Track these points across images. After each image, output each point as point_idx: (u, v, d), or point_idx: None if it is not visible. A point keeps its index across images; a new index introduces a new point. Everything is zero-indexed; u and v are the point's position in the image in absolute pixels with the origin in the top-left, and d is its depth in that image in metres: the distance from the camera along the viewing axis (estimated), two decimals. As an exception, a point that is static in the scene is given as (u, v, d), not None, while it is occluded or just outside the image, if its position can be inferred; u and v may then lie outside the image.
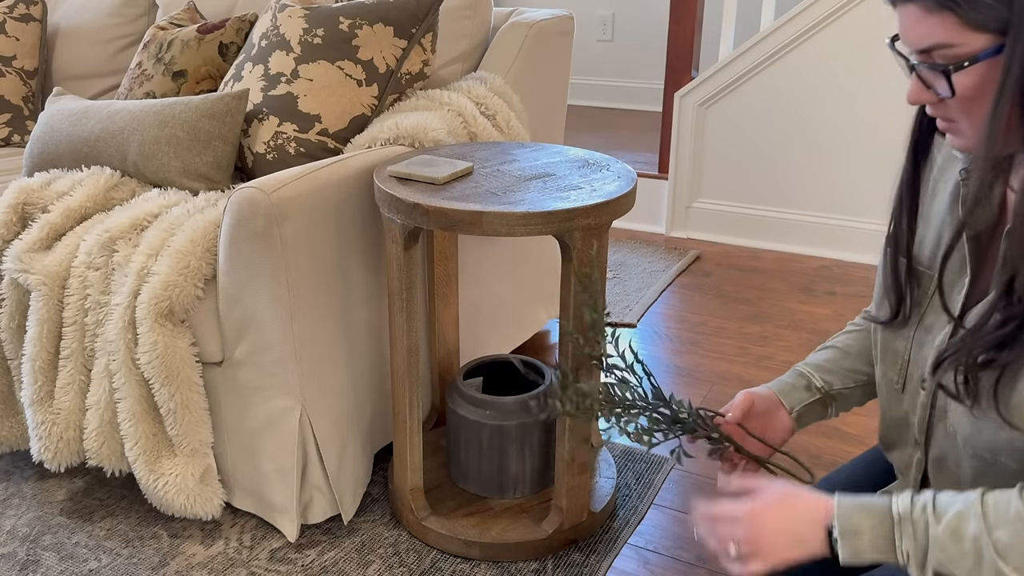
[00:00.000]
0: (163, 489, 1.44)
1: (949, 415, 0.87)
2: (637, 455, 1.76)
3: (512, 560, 1.46)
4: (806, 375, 1.09)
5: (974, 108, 0.77)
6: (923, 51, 0.77)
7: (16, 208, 1.58)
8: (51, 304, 1.48)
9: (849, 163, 2.79)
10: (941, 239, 0.89)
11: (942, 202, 0.90)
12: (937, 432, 0.90)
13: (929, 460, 0.93)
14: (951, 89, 0.76)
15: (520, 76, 1.89)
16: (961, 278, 0.86)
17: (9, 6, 2.35)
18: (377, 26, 1.71)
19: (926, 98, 0.80)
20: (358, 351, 1.53)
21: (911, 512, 0.79)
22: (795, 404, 1.08)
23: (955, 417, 0.86)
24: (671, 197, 3.06)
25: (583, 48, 4.77)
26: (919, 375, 0.91)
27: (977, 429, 0.83)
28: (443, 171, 1.38)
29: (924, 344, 0.90)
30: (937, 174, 0.92)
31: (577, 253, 1.30)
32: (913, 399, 0.93)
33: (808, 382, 1.09)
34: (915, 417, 0.93)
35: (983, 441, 0.83)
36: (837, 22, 2.68)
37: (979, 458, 0.84)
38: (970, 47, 0.74)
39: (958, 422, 0.85)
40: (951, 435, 0.87)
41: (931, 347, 0.89)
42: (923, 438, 0.92)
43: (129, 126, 1.67)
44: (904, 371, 0.93)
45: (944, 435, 0.89)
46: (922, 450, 0.93)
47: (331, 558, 1.47)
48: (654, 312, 2.46)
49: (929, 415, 0.90)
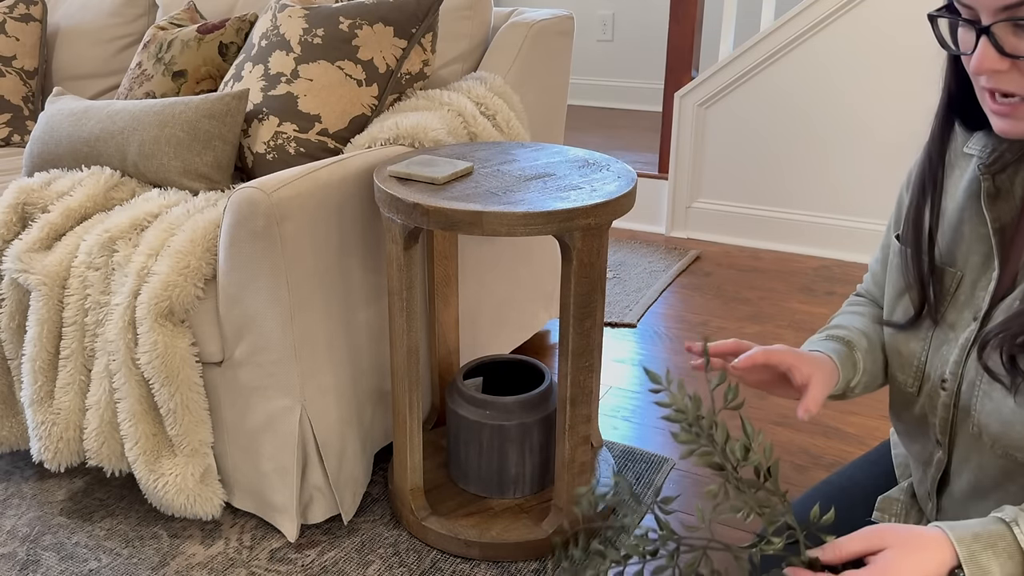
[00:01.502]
0: (163, 489, 1.44)
1: (974, 415, 0.85)
2: (637, 455, 1.76)
3: (512, 560, 1.46)
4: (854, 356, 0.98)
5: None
6: (1009, 6, 0.72)
7: (16, 208, 1.58)
8: (51, 304, 1.48)
9: (849, 163, 2.79)
10: (959, 236, 0.88)
11: (955, 199, 0.89)
12: (961, 433, 0.88)
13: (952, 460, 0.91)
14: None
15: (520, 76, 1.89)
16: (987, 272, 0.85)
17: (9, 6, 2.35)
18: (377, 26, 1.71)
19: (997, 65, 0.75)
20: (358, 351, 1.53)
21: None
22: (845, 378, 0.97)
23: (983, 416, 0.84)
24: (671, 197, 3.06)
25: (583, 48, 4.77)
26: (938, 375, 0.89)
27: (1008, 427, 0.81)
28: (443, 171, 1.38)
29: (945, 343, 0.88)
30: (947, 171, 0.91)
31: (577, 253, 1.30)
32: (932, 400, 0.91)
33: (854, 363, 0.98)
34: (935, 418, 0.91)
35: (1014, 439, 0.81)
36: (837, 22, 2.68)
37: (1008, 457, 0.83)
38: None
39: (986, 421, 0.84)
40: (975, 435, 0.86)
41: (954, 345, 0.87)
42: (946, 439, 0.90)
43: (129, 126, 1.67)
44: (920, 373, 0.91)
45: (968, 435, 0.87)
46: (944, 450, 0.91)
47: (331, 558, 1.47)
48: (654, 312, 2.46)
49: (952, 415, 0.89)
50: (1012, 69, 0.75)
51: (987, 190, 0.84)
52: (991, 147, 0.85)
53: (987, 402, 0.84)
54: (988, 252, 0.85)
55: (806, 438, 1.82)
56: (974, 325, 0.86)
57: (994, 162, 0.85)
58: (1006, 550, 0.73)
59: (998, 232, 0.84)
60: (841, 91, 2.74)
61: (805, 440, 1.81)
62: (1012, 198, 0.84)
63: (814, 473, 1.69)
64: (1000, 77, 0.76)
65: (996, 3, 0.73)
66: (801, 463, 1.74)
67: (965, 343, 0.86)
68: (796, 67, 2.78)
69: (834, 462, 1.74)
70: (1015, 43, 0.74)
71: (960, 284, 0.87)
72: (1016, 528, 0.74)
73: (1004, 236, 0.84)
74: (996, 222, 0.84)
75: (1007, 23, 0.73)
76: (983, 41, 0.75)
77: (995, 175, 0.85)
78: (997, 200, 0.85)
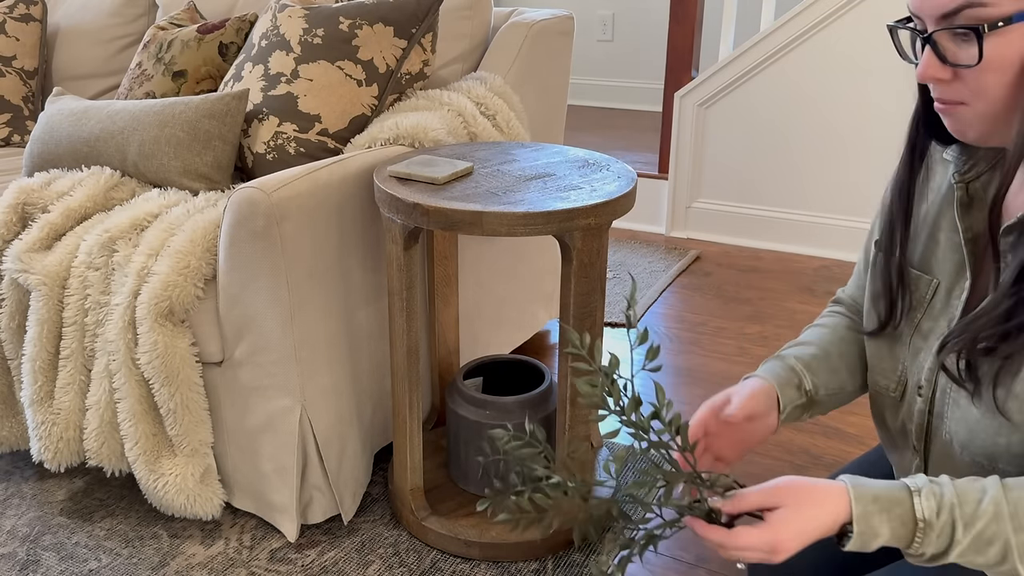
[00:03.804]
0: (163, 489, 1.44)
1: (946, 421, 0.86)
2: (637, 455, 1.76)
3: (512, 560, 1.46)
4: (798, 373, 1.00)
5: (993, 83, 0.73)
6: (947, 15, 0.73)
7: (16, 208, 1.58)
8: (51, 304, 1.48)
9: (849, 163, 2.79)
10: (935, 243, 0.88)
11: (932, 206, 0.89)
12: (936, 440, 0.89)
13: (928, 468, 0.92)
14: (980, 54, 0.72)
15: (520, 76, 1.89)
16: (961, 281, 0.85)
17: (9, 6, 2.35)
18: (377, 26, 1.71)
19: (939, 73, 0.76)
20: (358, 351, 1.53)
21: (936, 518, 0.75)
22: (787, 404, 0.98)
23: (952, 423, 0.85)
24: (671, 197, 3.06)
25: (583, 48, 4.77)
26: (915, 382, 0.90)
27: (974, 435, 0.82)
28: (443, 171, 1.38)
29: (921, 351, 0.89)
30: (928, 175, 0.90)
31: (577, 253, 1.30)
32: (910, 407, 0.91)
33: (800, 381, 0.99)
34: (912, 425, 0.91)
35: (979, 447, 0.82)
36: (837, 22, 2.68)
37: (977, 464, 0.83)
38: (1003, 9, 0.70)
39: (955, 428, 0.84)
40: (947, 442, 0.86)
41: (929, 353, 0.87)
42: (921, 445, 0.91)
43: (129, 126, 1.67)
44: (903, 380, 0.92)
45: (942, 443, 0.88)
46: (921, 457, 0.92)
47: (331, 558, 1.47)
48: (654, 312, 2.46)
49: (927, 422, 0.89)
50: (955, 79, 0.76)
51: (960, 199, 0.84)
52: (967, 155, 0.85)
53: (956, 409, 0.84)
54: (961, 261, 0.85)
55: (806, 438, 1.82)
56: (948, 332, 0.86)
57: (968, 170, 0.85)
58: (900, 516, 0.75)
59: (970, 242, 0.84)
60: (841, 91, 2.74)
61: (805, 440, 1.82)
62: (985, 207, 0.83)
63: (814, 473, 1.69)
64: (944, 87, 0.77)
65: (935, 11, 0.74)
66: (801, 463, 1.74)
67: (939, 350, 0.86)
68: (796, 67, 2.78)
69: (834, 462, 1.74)
70: (955, 51, 0.74)
71: (936, 292, 0.87)
72: (917, 497, 0.75)
73: (977, 245, 0.84)
74: (968, 231, 0.84)
75: (946, 31, 0.74)
76: (927, 50, 0.76)
77: (969, 183, 0.85)
78: (971, 209, 0.84)
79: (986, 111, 0.76)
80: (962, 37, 0.72)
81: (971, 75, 0.74)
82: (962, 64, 0.74)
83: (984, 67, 0.73)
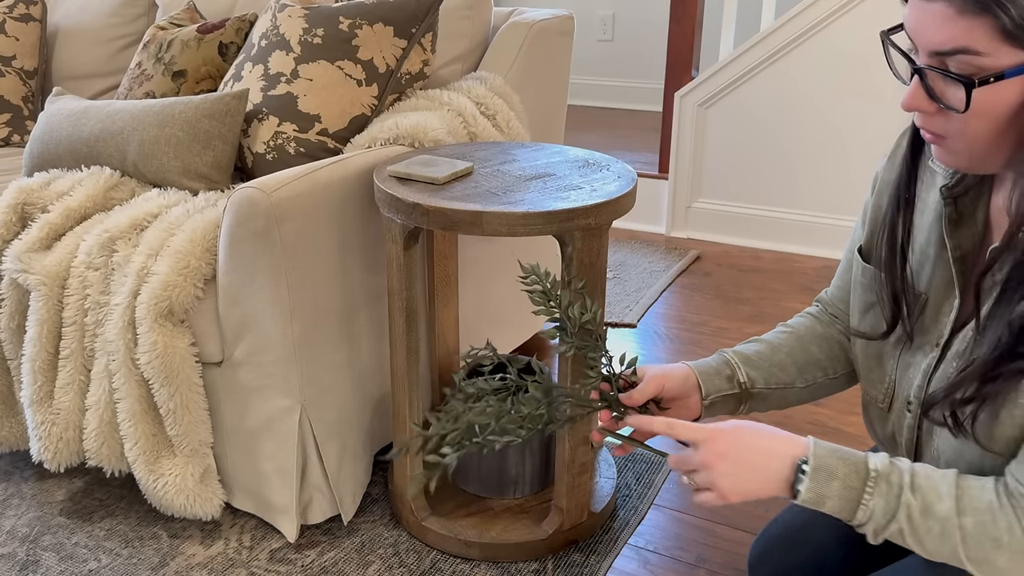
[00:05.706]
0: (163, 489, 1.44)
1: (934, 439, 0.86)
2: (637, 455, 1.76)
3: (512, 560, 1.46)
4: (732, 365, 1.03)
5: (977, 127, 0.72)
6: (940, 54, 0.71)
7: (16, 208, 1.58)
8: (51, 304, 1.48)
9: (849, 163, 2.79)
10: (926, 257, 0.87)
11: (927, 217, 0.87)
12: (925, 455, 0.89)
13: None
14: (967, 103, 0.70)
15: (520, 76, 1.89)
16: (949, 299, 0.84)
17: (9, 6, 2.35)
18: (377, 26, 1.71)
19: (925, 107, 0.75)
20: (358, 351, 1.53)
21: (889, 473, 0.78)
22: (712, 392, 1.01)
23: (940, 442, 0.85)
24: (671, 197, 3.06)
25: (583, 48, 4.77)
26: (905, 396, 0.89)
27: (960, 455, 0.82)
28: (443, 171, 1.38)
29: (911, 366, 0.88)
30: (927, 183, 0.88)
31: (577, 253, 1.30)
32: (900, 420, 0.91)
33: (732, 372, 1.02)
34: (902, 438, 0.91)
35: (965, 467, 0.82)
36: (837, 22, 2.68)
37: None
38: (999, 61, 0.68)
39: (943, 447, 0.85)
40: (936, 458, 0.86)
41: (917, 370, 0.87)
42: (912, 458, 0.91)
43: (129, 126, 1.67)
44: (891, 392, 0.92)
45: (931, 458, 0.88)
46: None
47: (331, 558, 1.47)
48: (654, 312, 2.46)
49: (916, 437, 0.89)
50: (940, 114, 0.74)
51: (948, 216, 0.83)
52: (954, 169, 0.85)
53: (942, 430, 0.84)
54: (950, 279, 0.84)
55: (806, 438, 1.82)
56: (935, 352, 0.85)
57: (956, 184, 0.83)
58: (854, 464, 0.80)
59: (959, 260, 0.82)
60: (841, 91, 2.74)
61: (805, 440, 1.81)
62: (974, 224, 0.82)
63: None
64: (928, 119, 0.76)
65: (930, 46, 0.72)
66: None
67: (927, 369, 0.86)
68: (796, 67, 2.78)
69: (834, 462, 1.74)
70: (944, 90, 0.73)
71: (925, 307, 0.86)
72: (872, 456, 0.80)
73: (965, 264, 0.83)
74: (957, 250, 0.83)
75: (938, 72, 0.72)
76: (915, 80, 0.74)
77: (957, 199, 0.83)
78: (959, 226, 0.83)
79: (970, 149, 0.74)
80: (959, 80, 0.70)
81: (957, 116, 0.73)
82: (949, 106, 0.73)
83: (970, 115, 0.71)
